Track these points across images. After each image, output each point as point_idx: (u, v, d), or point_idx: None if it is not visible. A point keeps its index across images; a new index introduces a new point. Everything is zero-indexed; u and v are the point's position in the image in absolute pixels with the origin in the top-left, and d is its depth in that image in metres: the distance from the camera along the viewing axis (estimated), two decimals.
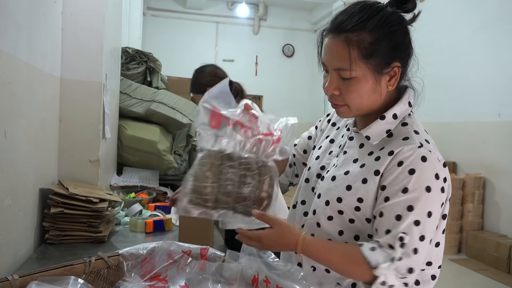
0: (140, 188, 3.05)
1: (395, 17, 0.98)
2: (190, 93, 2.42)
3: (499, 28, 4.96)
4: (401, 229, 0.92)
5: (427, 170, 0.93)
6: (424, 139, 0.99)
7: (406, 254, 0.92)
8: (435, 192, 0.94)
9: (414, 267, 0.93)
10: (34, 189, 1.79)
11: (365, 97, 0.99)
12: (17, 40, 1.50)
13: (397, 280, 0.93)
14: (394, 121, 1.02)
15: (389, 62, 0.97)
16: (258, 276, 0.97)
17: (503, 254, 4.32)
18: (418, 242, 0.92)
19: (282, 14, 10.25)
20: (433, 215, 0.94)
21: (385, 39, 0.95)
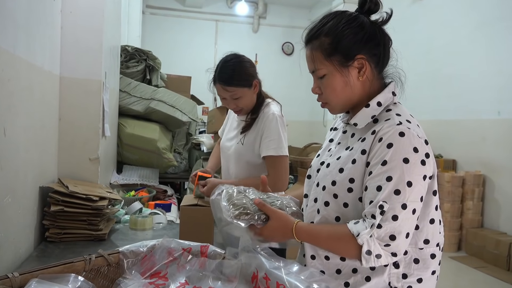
0: (140, 186, 3.06)
1: (349, 17, 1.10)
2: (227, 86, 1.85)
3: (498, 26, 4.95)
4: (381, 198, 0.98)
5: (404, 143, 1.00)
6: (405, 119, 1.06)
7: (386, 220, 0.96)
8: (413, 163, 0.99)
9: (395, 234, 0.97)
10: (34, 187, 1.79)
11: (338, 90, 1.11)
12: (16, 38, 1.50)
13: (381, 248, 0.97)
14: (379, 108, 1.11)
15: (351, 56, 1.08)
16: (257, 273, 0.97)
17: (503, 251, 4.32)
18: (400, 209, 0.97)
19: (282, 12, 10.24)
20: (413, 185, 0.98)
21: (342, 38, 1.08)
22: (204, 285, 1.01)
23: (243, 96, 1.87)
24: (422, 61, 6.33)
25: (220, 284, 1.00)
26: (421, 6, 6.46)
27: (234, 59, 1.89)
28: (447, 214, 4.98)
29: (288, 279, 0.90)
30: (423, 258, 1.07)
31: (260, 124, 1.90)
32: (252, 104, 1.93)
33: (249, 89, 1.88)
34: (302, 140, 7.50)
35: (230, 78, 1.85)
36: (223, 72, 1.86)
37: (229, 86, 1.84)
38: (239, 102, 1.89)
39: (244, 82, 1.86)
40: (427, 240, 1.07)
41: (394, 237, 0.97)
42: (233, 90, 1.85)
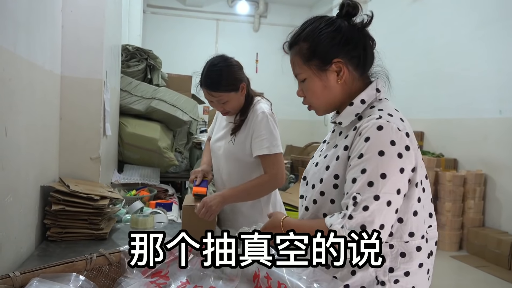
0: (141, 185, 3.05)
1: (326, 22, 1.14)
2: (212, 92, 1.83)
3: (499, 25, 4.94)
4: (355, 190, 1.00)
5: (381, 136, 1.01)
6: (387, 113, 1.08)
7: (357, 211, 0.98)
8: (389, 156, 1.00)
9: (365, 224, 0.98)
10: (35, 186, 1.79)
11: (319, 93, 1.16)
12: (17, 37, 1.50)
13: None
14: (362, 105, 1.13)
15: (328, 60, 1.12)
16: (259, 273, 0.97)
17: (504, 250, 4.32)
18: (371, 200, 0.98)
19: (282, 11, 10.23)
20: (388, 178, 0.99)
21: (318, 42, 1.12)
22: (205, 284, 1.01)
23: (229, 100, 1.86)
24: (423, 60, 6.32)
25: (221, 283, 1.00)
26: (422, 5, 6.45)
27: (220, 63, 1.85)
28: (448, 213, 4.97)
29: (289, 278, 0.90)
30: (409, 252, 1.08)
31: (250, 123, 1.89)
32: (240, 106, 1.92)
33: (236, 93, 1.86)
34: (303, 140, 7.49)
35: (216, 84, 1.82)
36: (208, 76, 1.83)
37: (214, 91, 1.83)
38: (226, 106, 1.88)
39: (231, 87, 1.84)
40: (411, 233, 1.08)
41: (364, 227, 0.98)
42: (219, 95, 1.83)
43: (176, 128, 3.90)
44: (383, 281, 1.07)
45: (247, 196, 1.88)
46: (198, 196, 1.92)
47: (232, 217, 2.02)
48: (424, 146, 6.22)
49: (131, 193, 2.79)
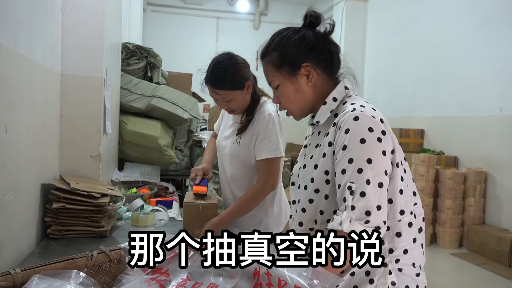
0: (142, 183, 3.06)
1: (292, 32, 1.24)
2: (217, 89, 1.80)
3: (501, 22, 4.93)
4: (347, 180, 1.05)
5: (359, 126, 1.08)
6: (359, 105, 1.14)
7: (356, 199, 1.03)
8: (370, 142, 1.06)
9: (368, 208, 1.03)
10: (35, 184, 1.80)
11: (292, 97, 1.24)
12: (17, 35, 1.50)
13: (364, 227, 1.02)
14: (335, 102, 1.22)
15: (297, 65, 1.21)
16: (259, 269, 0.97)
17: (505, 248, 4.32)
18: (365, 186, 1.04)
19: (283, 9, 10.22)
20: (374, 162, 1.05)
21: (287, 50, 1.22)
22: (206, 281, 1.01)
23: (234, 99, 1.83)
24: (424, 58, 6.32)
25: (222, 280, 1.00)
26: (423, 3, 6.44)
27: (226, 61, 1.82)
28: (449, 211, 4.98)
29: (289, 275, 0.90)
30: (403, 230, 1.13)
31: (255, 124, 1.86)
32: (245, 105, 1.89)
33: (241, 91, 1.83)
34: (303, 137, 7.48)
35: (221, 82, 1.80)
36: (214, 74, 1.80)
37: (219, 89, 1.80)
38: (231, 104, 1.85)
39: (236, 85, 1.81)
40: (402, 211, 1.13)
41: (369, 212, 1.03)
42: (224, 93, 1.81)
43: (176, 126, 3.90)
44: (385, 263, 1.12)
45: (244, 210, 1.86)
46: (198, 195, 1.92)
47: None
48: (425, 143, 6.22)
49: (132, 191, 2.79)
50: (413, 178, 1.22)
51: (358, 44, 8.25)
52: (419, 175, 5.17)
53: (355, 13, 8.19)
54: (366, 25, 8.22)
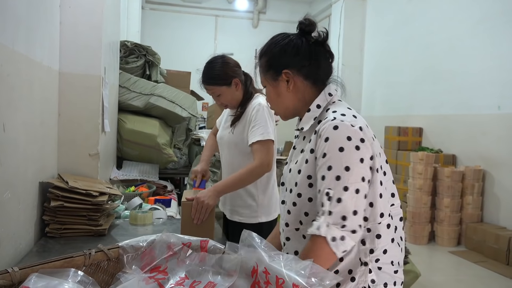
0: (140, 181, 3.06)
1: (281, 38, 1.30)
2: (206, 85, 2.05)
3: (499, 20, 4.93)
4: (326, 186, 1.11)
5: (338, 135, 1.12)
6: (340, 114, 1.18)
7: (333, 205, 1.09)
8: (348, 150, 1.11)
9: (345, 214, 1.08)
10: (33, 182, 1.80)
11: (274, 100, 1.34)
12: (15, 33, 1.50)
13: (341, 231, 1.07)
14: (318, 109, 1.27)
15: (279, 71, 1.28)
16: (257, 267, 0.97)
17: (503, 246, 4.33)
18: (342, 192, 1.09)
19: (282, 7, 10.21)
20: (351, 169, 1.10)
21: (272, 56, 1.30)
22: (204, 280, 1.01)
23: (222, 94, 2.04)
24: (423, 56, 6.32)
25: (220, 279, 1.00)
26: (422, 1, 6.44)
27: (216, 60, 2.07)
28: (447, 209, 4.99)
29: (287, 273, 0.90)
30: (382, 231, 1.18)
31: (247, 115, 2.04)
32: (235, 101, 2.08)
33: (228, 87, 2.03)
34: None
35: (208, 78, 2.04)
36: (204, 72, 2.05)
37: (208, 85, 2.04)
38: (221, 99, 2.06)
39: (221, 81, 2.02)
40: (382, 214, 1.18)
41: (345, 217, 1.08)
42: (212, 88, 2.04)
43: (175, 124, 3.90)
44: (366, 262, 1.18)
45: (239, 183, 1.95)
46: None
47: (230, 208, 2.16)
48: (423, 142, 6.22)
49: (130, 189, 2.79)
50: (393, 180, 1.27)
51: (356, 42, 8.25)
52: (417, 173, 5.18)
53: (354, 11, 8.19)
54: (365, 23, 8.22)
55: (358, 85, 8.27)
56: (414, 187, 5.20)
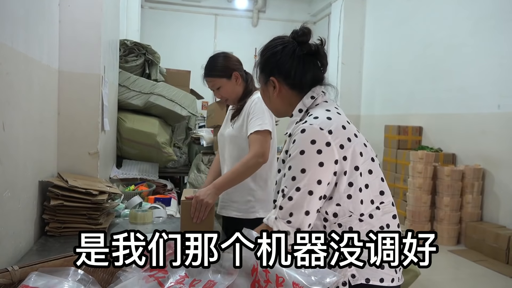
0: (140, 180, 3.06)
1: (273, 45, 1.35)
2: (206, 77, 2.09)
3: (499, 19, 4.93)
4: (283, 183, 1.21)
5: (303, 138, 1.19)
6: (313, 117, 1.23)
7: (284, 202, 1.18)
8: (308, 154, 1.17)
9: (292, 211, 1.17)
10: (33, 181, 1.79)
11: (266, 100, 1.43)
12: (14, 31, 1.49)
13: (287, 225, 1.16)
14: (300, 114, 1.32)
15: (267, 77, 1.35)
16: (257, 266, 0.97)
17: (502, 244, 4.33)
18: (294, 192, 1.17)
19: (281, 6, 10.20)
20: (307, 172, 1.16)
21: (263, 62, 1.37)
22: (204, 278, 1.01)
23: (222, 86, 2.07)
24: (422, 54, 6.32)
25: (220, 277, 1.00)
26: (421, 0, 6.43)
27: (216, 55, 2.11)
28: (447, 208, 4.99)
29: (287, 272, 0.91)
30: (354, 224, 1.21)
31: (246, 109, 2.06)
32: (235, 94, 2.11)
33: (228, 80, 2.06)
34: None
35: (208, 70, 2.08)
36: (205, 66, 2.10)
37: (208, 77, 2.08)
38: (221, 92, 2.09)
39: (221, 73, 2.05)
40: (350, 212, 1.21)
41: (292, 214, 1.16)
42: (212, 80, 2.07)
43: (174, 123, 3.90)
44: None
45: (237, 177, 1.94)
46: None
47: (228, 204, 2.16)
48: (423, 140, 6.23)
49: (130, 188, 2.79)
50: (382, 177, 1.29)
51: (356, 41, 8.25)
52: (417, 172, 5.18)
53: (354, 10, 8.18)
54: (365, 22, 8.22)
55: (357, 84, 8.27)
56: (414, 186, 5.21)
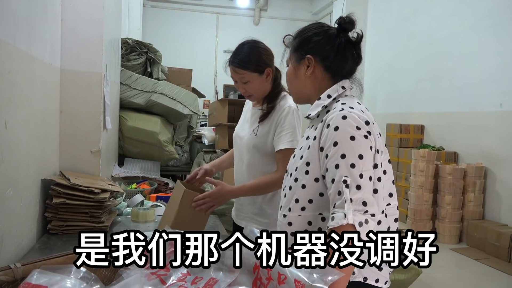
0: (142, 179, 3.06)
1: (317, 26, 1.34)
2: (236, 68, 1.83)
3: (502, 17, 4.91)
4: (342, 174, 1.12)
5: (348, 124, 1.15)
6: (348, 106, 1.21)
7: (352, 192, 1.10)
8: (359, 139, 1.14)
9: (365, 199, 1.10)
10: (35, 179, 1.80)
11: (291, 80, 1.37)
12: (16, 30, 1.49)
13: (363, 215, 1.09)
14: (329, 99, 1.28)
15: (303, 54, 1.31)
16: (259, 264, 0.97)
17: (504, 243, 4.33)
18: (359, 179, 1.11)
19: (283, 4, 10.19)
20: (364, 157, 1.13)
21: (302, 39, 1.33)
22: (206, 276, 1.01)
23: (251, 81, 1.84)
24: (425, 53, 6.30)
25: (222, 275, 1.00)
26: None
27: (249, 43, 1.88)
28: (449, 206, 4.98)
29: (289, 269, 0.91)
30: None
31: (275, 116, 1.86)
32: (263, 92, 1.89)
33: (259, 75, 1.84)
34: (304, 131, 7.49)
35: (240, 61, 1.83)
36: (235, 53, 1.86)
37: (238, 68, 1.83)
38: (248, 86, 1.86)
39: (254, 67, 1.82)
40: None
41: (366, 203, 1.10)
42: (242, 72, 1.83)
43: (176, 121, 3.90)
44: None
45: (256, 192, 1.85)
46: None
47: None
48: (425, 139, 6.22)
49: (132, 187, 2.80)
50: (393, 180, 1.29)
51: None
52: (419, 171, 5.17)
53: (355, 8, 8.15)
54: (367, 20, 8.20)
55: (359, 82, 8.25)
56: (415, 184, 5.20)
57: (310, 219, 1.23)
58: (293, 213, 1.26)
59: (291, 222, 1.26)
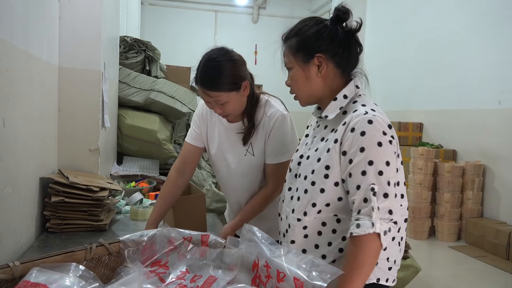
0: (141, 177, 3.06)
1: (316, 21, 1.26)
2: (209, 91, 1.51)
3: (500, 15, 4.91)
4: (369, 181, 1.10)
5: (374, 129, 1.13)
6: (370, 108, 1.18)
7: (380, 200, 1.09)
8: (386, 145, 1.12)
9: (390, 208, 1.10)
10: (34, 178, 1.79)
11: (300, 83, 1.28)
12: (13, 28, 1.49)
13: (387, 224, 1.09)
14: (345, 100, 1.25)
15: (312, 54, 1.23)
16: (258, 261, 0.97)
17: (502, 240, 4.34)
18: (386, 187, 1.10)
19: (281, 2, 10.17)
20: (391, 163, 1.12)
21: (305, 38, 1.25)
22: (205, 274, 1.01)
23: (229, 101, 1.54)
24: (423, 50, 6.30)
25: (221, 273, 1.00)
26: None
27: (219, 57, 1.52)
28: (447, 204, 4.99)
29: (288, 267, 0.91)
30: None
31: (267, 128, 1.65)
32: (241, 108, 1.62)
33: (237, 93, 1.54)
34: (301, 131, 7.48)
35: (214, 82, 1.50)
36: (205, 73, 1.51)
37: (212, 91, 1.51)
38: (226, 107, 1.56)
39: (231, 86, 1.52)
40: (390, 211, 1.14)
41: (391, 211, 1.10)
42: (218, 95, 1.51)
43: (175, 119, 3.89)
44: None
45: (255, 214, 1.71)
46: None
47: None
48: (423, 137, 6.22)
49: (131, 185, 2.79)
50: (404, 181, 1.27)
51: None
52: (418, 169, 5.18)
53: (354, 6, 8.10)
54: (365, 18, 8.18)
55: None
56: (414, 182, 5.20)
57: (325, 220, 1.22)
58: (309, 217, 1.22)
59: (306, 225, 1.23)
